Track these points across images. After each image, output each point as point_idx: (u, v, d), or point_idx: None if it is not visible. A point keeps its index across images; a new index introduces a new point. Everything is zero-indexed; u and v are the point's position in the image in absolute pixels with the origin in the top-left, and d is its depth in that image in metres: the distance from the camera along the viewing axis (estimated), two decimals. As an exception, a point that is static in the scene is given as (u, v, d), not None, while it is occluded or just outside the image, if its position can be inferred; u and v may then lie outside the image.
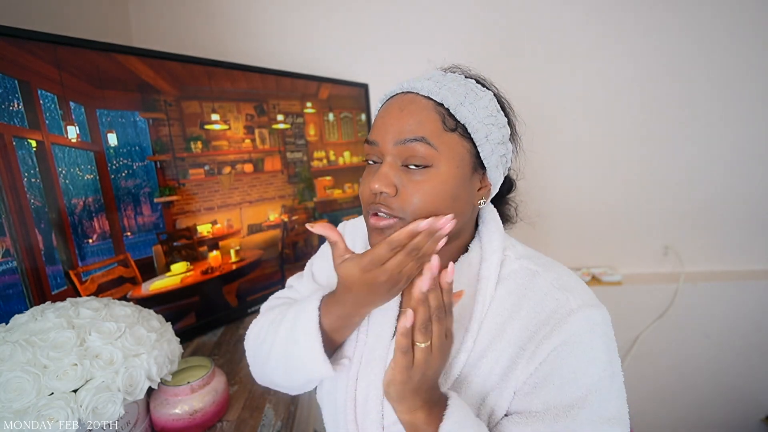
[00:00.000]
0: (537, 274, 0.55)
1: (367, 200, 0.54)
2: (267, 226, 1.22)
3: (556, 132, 1.55)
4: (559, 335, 0.50)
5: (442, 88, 0.51)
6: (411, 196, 0.50)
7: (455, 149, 0.51)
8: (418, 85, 0.52)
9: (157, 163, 0.96)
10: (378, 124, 0.53)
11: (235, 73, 1.11)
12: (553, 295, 0.52)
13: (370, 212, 0.53)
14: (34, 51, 0.75)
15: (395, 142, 0.50)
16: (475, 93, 0.53)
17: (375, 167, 0.54)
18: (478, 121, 0.51)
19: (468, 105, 0.51)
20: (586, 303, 0.52)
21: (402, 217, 0.51)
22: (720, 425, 1.74)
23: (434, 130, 0.50)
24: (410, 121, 0.50)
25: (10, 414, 0.51)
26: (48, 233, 0.77)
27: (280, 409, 0.81)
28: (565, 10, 1.45)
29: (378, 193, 0.51)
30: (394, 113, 0.52)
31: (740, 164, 1.57)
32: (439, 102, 0.51)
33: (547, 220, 1.64)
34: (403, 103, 0.52)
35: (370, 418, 0.56)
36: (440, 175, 0.50)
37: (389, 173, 0.51)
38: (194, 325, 1.05)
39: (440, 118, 0.50)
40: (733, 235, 1.64)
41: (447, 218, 0.48)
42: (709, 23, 1.46)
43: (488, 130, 0.52)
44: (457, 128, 0.51)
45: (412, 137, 0.49)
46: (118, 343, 0.61)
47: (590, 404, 0.49)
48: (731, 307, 1.63)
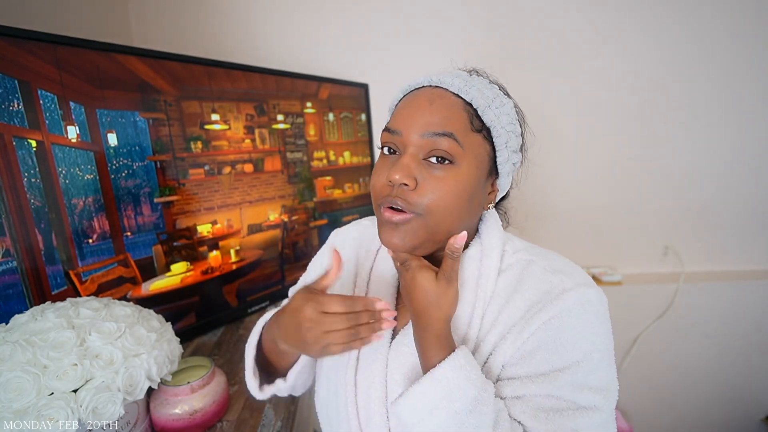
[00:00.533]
0: (532, 263, 0.56)
1: (380, 192, 0.52)
2: (267, 226, 1.22)
3: (556, 132, 1.55)
4: (550, 311, 0.50)
5: (471, 88, 0.51)
6: (430, 191, 0.49)
7: (478, 150, 0.51)
8: (448, 80, 0.52)
9: (157, 163, 0.96)
10: (403, 114, 0.52)
11: (235, 73, 1.11)
12: (547, 278, 0.53)
13: (384, 205, 0.51)
14: (34, 51, 0.75)
15: (422, 134, 0.49)
16: (500, 99, 0.53)
17: (392, 158, 0.52)
18: (502, 126, 0.52)
19: (494, 109, 0.51)
20: (580, 283, 0.52)
21: (419, 213, 0.50)
22: (720, 425, 1.74)
23: (462, 128, 0.50)
24: (440, 114, 0.50)
25: (10, 414, 0.51)
26: (48, 233, 0.77)
27: (280, 409, 0.81)
28: (565, 11, 1.45)
29: (396, 185, 0.50)
30: (424, 105, 0.51)
31: (740, 164, 1.57)
32: (468, 101, 0.51)
33: (547, 220, 1.64)
34: (433, 97, 0.51)
35: (374, 421, 0.55)
36: (461, 173, 0.50)
37: (411, 165, 0.49)
38: (194, 325, 1.05)
39: (468, 118, 0.50)
40: (733, 235, 1.64)
41: (462, 236, 0.50)
42: (708, 23, 1.46)
43: (508, 137, 0.53)
44: (482, 130, 0.51)
45: (441, 131, 0.49)
46: (118, 343, 0.61)
47: (573, 372, 0.48)
48: (731, 307, 1.63)
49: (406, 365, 0.55)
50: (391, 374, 0.56)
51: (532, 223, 1.64)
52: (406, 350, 0.56)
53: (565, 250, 1.87)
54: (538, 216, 1.63)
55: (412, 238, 0.51)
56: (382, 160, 0.54)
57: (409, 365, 0.55)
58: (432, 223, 0.50)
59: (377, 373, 0.57)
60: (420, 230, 0.51)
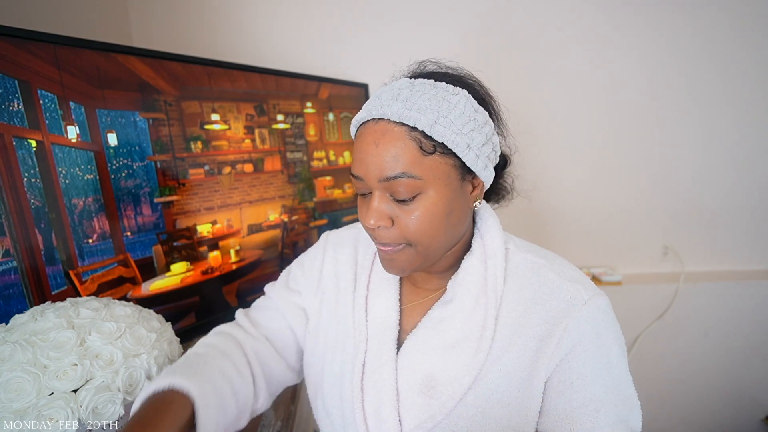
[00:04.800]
0: (544, 267, 0.57)
1: (369, 231, 0.55)
2: (267, 226, 1.22)
3: (557, 132, 1.55)
4: (579, 328, 0.52)
5: (411, 108, 0.48)
6: (407, 225, 0.51)
7: (439, 170, 0.49)
8: (386, 110, 0.48)
9: (157, 163, 0.96)
10: (358, 159, 0.51)
11: (235, 73, 1.11)
12: (565, 288, 0.54)
13: (375, 241, 0.55)
14: (34, 51, 0.75)
15: (378, 180, 0.49)
16: (448, 102, 0.49)
17: (368, 199, 0.54)
18: (456, 134, 0.48)
19: (442, 121, 0.48)
20: (593, 292, 0.54)
21: (407, 243, 0.52)
22: (720, 425, 1.74)
23: (413, 159, 0.48)
24: (386, 156, 0.48)
25: (10, 414, 0.51)
26: (48, 233, 0.77)
27: (280, 409, 0.81)
28: (568, 8, 1.45)
29: (375, 228, 0.52)
30: (370, 149, 0.49)
31: (740, 164, 1.57)
32: (412, 126, 0.48)
33: (547, 220, 1.64)
34: (377, 136, 0.49)
35: (386, 425, 0.54)
36: (430, 199, 0.50)
37: (380, 207, 0.51)
38: (194, 325, 1.05)
39: (416, 145, 0.48)
40: (733, 235, 1.64)
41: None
42: (713, 22, 1.46)
43: (469, 138, 0.49)
44: (436, 149, 0.48)
45: (393, 175, 0.48)
46: (118, 343, 0.61)
47: (616, 386, 0.53)
48: (731, 307, 1.63)
49: (420, 371, 0.55)
50: (404, 379, 0.56)
51: (533, 223, 1.64)
52: (419, 356, 0.56)
53: (565, 250, 1.88)
54: (538, 216, 1.63)
55: (410, 265, 0.54)
56: (361, 201, 0.55)
57: (423, 371, 0.55)
58: (422, 249, 0.53)
59: (387, 378, 0.56)
60: (414, 257, 0.53)
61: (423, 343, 0.56)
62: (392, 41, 1.46)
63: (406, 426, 0.54)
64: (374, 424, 0.56)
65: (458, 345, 0.54)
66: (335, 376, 0.62)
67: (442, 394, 0.53)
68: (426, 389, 0.54)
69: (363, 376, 0.58)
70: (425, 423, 0.53)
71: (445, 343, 0.55)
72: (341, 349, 0.63)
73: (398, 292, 0.63)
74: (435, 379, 0.54)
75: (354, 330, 0.62)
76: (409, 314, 0.61)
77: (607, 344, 0.53)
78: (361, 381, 0.58)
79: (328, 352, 0.65)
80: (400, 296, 0.63)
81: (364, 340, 0.60)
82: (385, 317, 0.60)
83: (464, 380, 0.53)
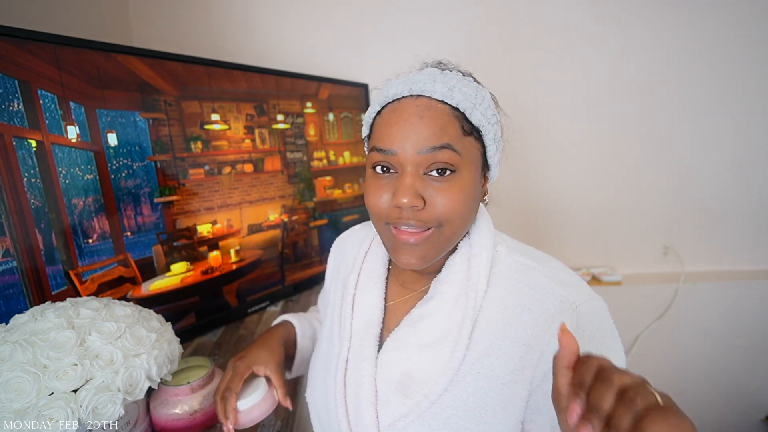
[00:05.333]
0: (533, 269, 0.55)
1: (387, 213, 0.52)
2: (267, 226, 1.22)
3: (556, 131, 1.55)
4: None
5: (452, 90, 0.50)
6: (440, 205, 0.49)
7: (473, 152, 0.52)
8: (429, 87, 0.50)
9: (157, 163, 0.96)
10: (394, 132, 0.50)
11: (235, 73, 1.11)
12: (554, 291, 0.52)
13: (395, 225, 0.52)
14: (34, 51, 0.75)
15: (419, 151, 0.49)
16: (480, 93, 0.52)
17: (387, 177, 0.52)
18: (489, 123, 0.52)
19: (479, 107, 0.51)
20: (586, 296, 0.52)
21: (436, 225, 0.51)
22: (720, 425, 1.74)
23: (456, 135, 0.49)
24: (433, 127, 0.49)
25: (10, 414, 0.51)
26: (48, 233, 0.77)
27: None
28: (566, 8, 1.45)
29: (406, 208, 0.49)
30: (413, 120, 0.49)
31: (740, 164, 1.57)
32: (454, 106, 0.50)
33: (547, 220, 1.64)
34: (420, 109, 0.49)
35: (364, 421, 0.55)
36: (463, 179, 0.50)
37: (415, 184, 0.49)
38: (194, 325, 1.05)
39: (459, 123, 0.50)
40: (733, 235, 1.64)
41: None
42: (710, 21, 1.46)
43: (495, 130, 0.53)
44: (473, 132, 0.51)
45: (439, 144, 0.48)
46: (118, 343, 0.61)
47: None
48: (731, 307, 1.63)
49: (397, 369, 0.55)
50: (382, 376, 0.56)
51: (533, 223, 1.64)
52: (397, 354, 0.56)
53: (565, 250, 1.87)
54: (538, 216, 1.63)
55: (433, 253, 0.53)
56: (377, 179, 0.53)
57: (400, 369, 0.55)
58: (448, 232, 0.52)
59: (366, 374, 0.57)
60: (437, 241, 0.52)
61: (402, 340, 0.56)
62: (392, 41, 1.46)
63: (383, 422, 0.54)
64: (354, 420, 0.56)
65: (436, 344, 0.54)
66: (321, 371, 0.65)
67: (417, 394, 0.52)
68: (401, 387, 0.54)
69: (346, 372, 0.59)
70: (398, 422, 0.52)
71: (423, 341, 0.54)
72: (328, 345, 0.66)
73: (384, 291, 0.64)
74: (412, 378, 0.53)
75: (340, 327, 0.64)
76: (394, 312, 0.62)
77: (601, 352, 0.49)
78: (344, 377, 0.59)
79: (320, 348, 0.69)
80: (387, 295, 0.64)
81: (348, 337, 0.61)
82: (369, 315, 0.61)
83: (440, 380, 0.52)
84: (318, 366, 0.67)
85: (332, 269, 0.77)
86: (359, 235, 0.74)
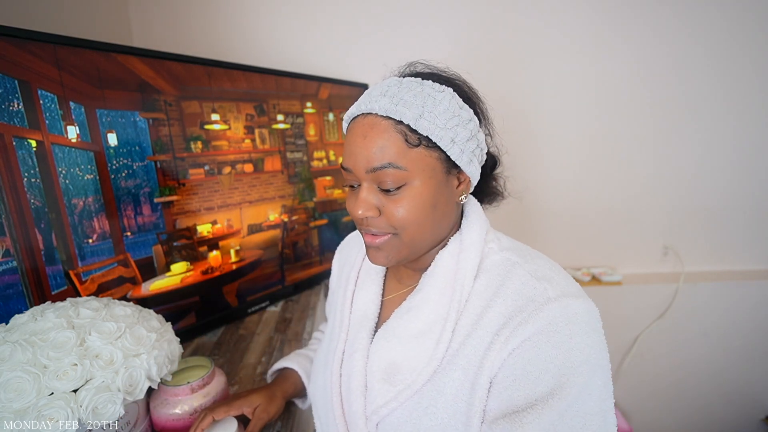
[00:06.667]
0: (517, 265, 0.55)
1: (357, 221, 0.57)
2: (267, 226, 1.22)
3: (557, 131, 1.55)
4: (535, 324, 0.48)
5: (398, 104, 0.50)
6: (393, 214, 0.53)
7: (424, 162, 0.52)
8: (374, 105, 0.52)
9: (157, 163, 0.96)
10: (347, 152, 0.54)
11: (235, 73, 1.11)
12: (531, 284, 0.51)
13: (363, 231, 0.57)
14: (34, 51, 0.75)
15: (365, 171, 0.52)
16: (433, 98, 0.51)
17: (356, 190, 0.56)
18: (441, 128, 0.51)
19: (427, 115, 0.50)
20: (565, 293, 0.50)
21: (394, 232, 0.54)
22: (720, 425, 1.75)
23: (398, 151, 0.50)
24: (373, 147, 0.51)
25: (10, 414, 0.51)
26: (48, 233, 0.77)
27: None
28: (567, 7, 1.45)
29: (363, 218, 0.54)
30: (358, 141, 0.52)
31: (741, 164, 1.57)
32: (398, 120, 0.51)
33: (547, 220, 1.64)
34: (365, 129, 0.52)
35: (353, 408, 0.58)
36: (415, 189, 0.52)
37: (368, 198, 0.53)
38: (194, 325, 1.05)
39: (402, 137, 0.51)
40: (733, 235, 1.64)
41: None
42: (713, 22, 1.46)
43: (453, 133, 0.52)
44: (421, 142, 0.51)
45: (379, 165, 0.51)
46: (118, 343, 0.61)
47: (566, 395, 0.46)
48: (731, 307, 1.63)
49: (384, 359, 0.57)
50: (371, 366, 0.58)
51: (533, 223, 1.64)
52: (385, 344, 0.58)
53: (565, 250, 1.87)
54: (538, 216, 1.63)
55: (395, 255, 0.56)
56: (350, 192, 0.58)
57: (387, 359, 0.57)
58: (407, 238, 0.54)
59: (357, 364, 0.59)
60: (400, 246, 0.55)
61: (391, 331, 0.58)
62: (392, 41, 1.46)
63: (369, 408, 0.57)
64: (347, 407, 0.60)
65: (422, 336, 0.55)
66: (321, 365, 0.69)
67: (401, 383, 0.54)
68: (387, 376, 0.56)
69: (342, 363, 0.63)
70: (381, 408, 0.55)
71: (410, 332, 0.57)
72: (329, 341, 0.70)
73: (381, 286, 0.67)
74: (397, 368, 0.56)
75: (340, 322, 0.67)
76: (389, 306, 0.65)
77: (570, 348, 0.47)
78: (340, 368, 0.63)
79: (323, 345, 0.73)
80: (384, 290, 0.67)
81: (346, 331, 0.65)
82: (365, 309, 0.65)
83: (424, 371, 0.53)
84: (319, 361, 0.70)
85: (337, 271, 0.81)
86: (360, 236, 0.76)
